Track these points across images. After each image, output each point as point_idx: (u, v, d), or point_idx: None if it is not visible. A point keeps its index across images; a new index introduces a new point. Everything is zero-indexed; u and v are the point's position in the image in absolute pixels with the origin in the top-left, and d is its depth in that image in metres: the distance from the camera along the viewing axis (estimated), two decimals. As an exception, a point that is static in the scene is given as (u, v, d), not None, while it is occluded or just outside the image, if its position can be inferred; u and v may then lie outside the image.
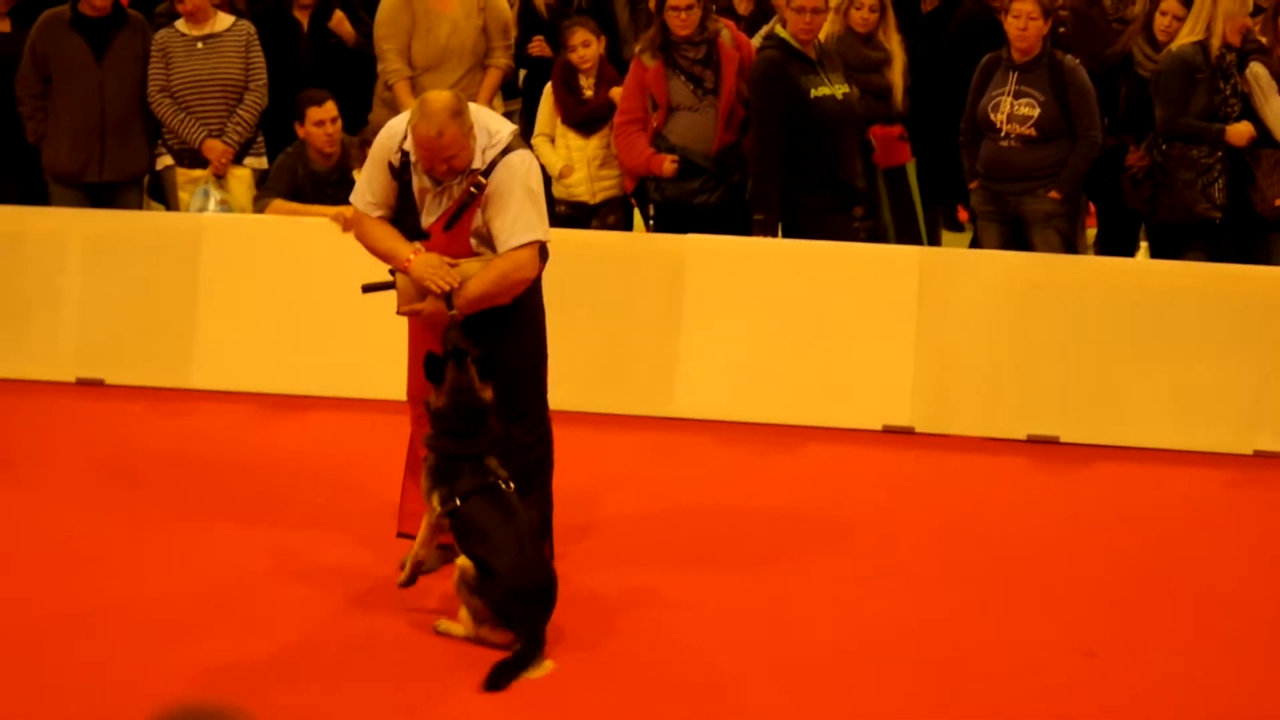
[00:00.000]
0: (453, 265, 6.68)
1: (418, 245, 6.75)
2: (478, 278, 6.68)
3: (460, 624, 6.39)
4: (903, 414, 9.12)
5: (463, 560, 6.34)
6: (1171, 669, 6.31)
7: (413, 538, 6.94)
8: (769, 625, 6.63)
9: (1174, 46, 9.70)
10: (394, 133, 6.79)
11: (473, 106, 6.77)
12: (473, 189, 6.67)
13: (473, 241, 6.76)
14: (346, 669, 6.16)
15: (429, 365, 6.53)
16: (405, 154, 6.71)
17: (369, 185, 6.87)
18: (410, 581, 6.62)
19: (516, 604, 6.23)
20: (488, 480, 6.43)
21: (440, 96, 6.63)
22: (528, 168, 6.76)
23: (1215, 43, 9.59)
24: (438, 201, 6.74)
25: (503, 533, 6.33)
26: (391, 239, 6.79)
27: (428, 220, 6.76)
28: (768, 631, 6.57)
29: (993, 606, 6.86)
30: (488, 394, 6.54)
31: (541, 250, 6.82)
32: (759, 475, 8.53)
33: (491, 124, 6.77)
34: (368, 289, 7.01)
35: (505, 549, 6.29)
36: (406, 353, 7.08)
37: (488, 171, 6.66)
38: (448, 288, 6.64)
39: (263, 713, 2.14)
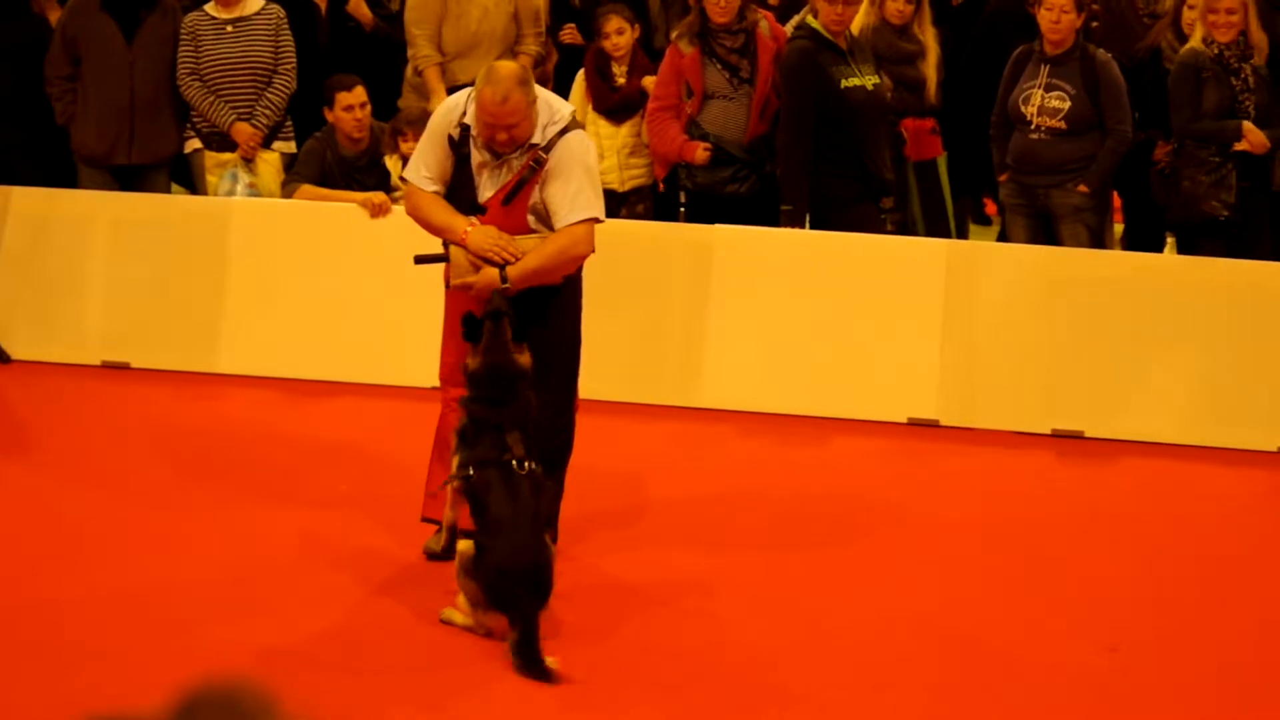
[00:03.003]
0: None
1: (473, 219, 6.72)
2: (535, 252, 6.66)
3: (460, 612, 6.35)
4: (928, 407, 9.10)
5: (462, 543, 6.31)
6: (1194, 665, 6.30)
7: (436, 522, 6.96)
8: (791, 614, 6.62)
9: (1181, 49, 9.71)
10: (452, 106, 6.82)
11: (534, 85, 6.78)
12: (533, 164, 6.66)
13: (530, 218, 6.74)
14: (369, 654, 6.17)
15: (467, 324, 6.50)
16: (465, 127, 6.70)
17: (424, 159, 6.84)
18: (448, 548, 6.58)
19: (504, 585, 6.14)
20: (502, 456, 6.34)
21: (508, 64, 6.74)
22: (586, 147, 6.81)
23: (1197, 40, 9.55)
24: (496, 176, 6.73)
25: (501, 511, 6.25)
26: (447, 212, 6.76)
27: (485, 195, 6.74)
28: (789, 621, 6.56)
29: (1016, 600, 6.85)
30: (524, 359, 6.50)
31: None
32: (784, 466, 8.52)
33: (553, 101, 6.81)
34: (420, 260, 6.94)
35: (499, 528, 6.22)
36: (441, 336, 7.04)
37: (548, 148, 6.66)
38: (510, 259, 6.64)
39: (285, 695, 2.13)
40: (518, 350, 6.49)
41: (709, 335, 9.36)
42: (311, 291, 9.72)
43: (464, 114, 6.72)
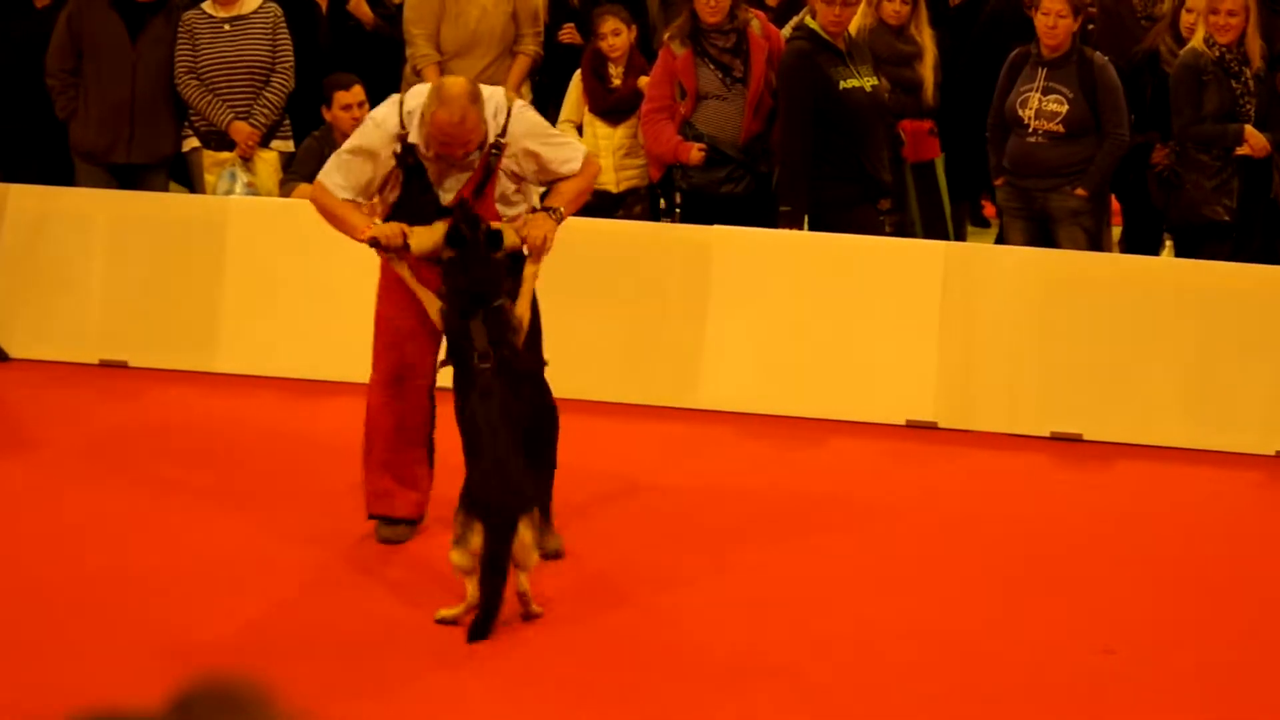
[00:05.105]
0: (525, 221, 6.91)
1: (437, 224, 6.82)
2: (561, 193, 6.94)
3: (457, 606, 6.40)
4: (926, 409, 9.10)
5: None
6: (1190, 667, 6.31)
7: (377, 518, 7.21)
8: (788, 616, 6.63)
9: (1181, 51, 9.72)
10: (382, 122, 6.84)
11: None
12: (494, 150, 6.76)
13: (498, 207, 6.87)
14: (369, 651, 6.19)
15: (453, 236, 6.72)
16: (410, 145, 6.74)
17: (344, 172, 6.94)
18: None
19: (483, 489, 6.32)
20: (469, 357, 6.56)
21: (457, 82, 6.74)
22: (529, 111, 7.03)
23: (1198, 42, 9.55)
24: (458, 176, 6.81)
25: (477, 442, 6.46)
26: (354, 215, 6.95)
27: (448, 196, 6.83)
28: (786, 622, 6.57)
29: (1012, 602, 6.86)
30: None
31: None
32: (781, 468, 8.52)
33: (485, 92, 6.84)
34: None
35: (477, 458, 6.43)
36: (377, 334, 7.22)
37: (503, 133, 6.76)
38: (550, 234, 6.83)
39: (283, 691, 2.14)
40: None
41: (706, 336, 9.35)
42: (310, 291, 9.71)
43: (403, 131, 6.74)
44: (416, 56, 10.48)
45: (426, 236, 6.76)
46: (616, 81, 10.26)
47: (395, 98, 6.94)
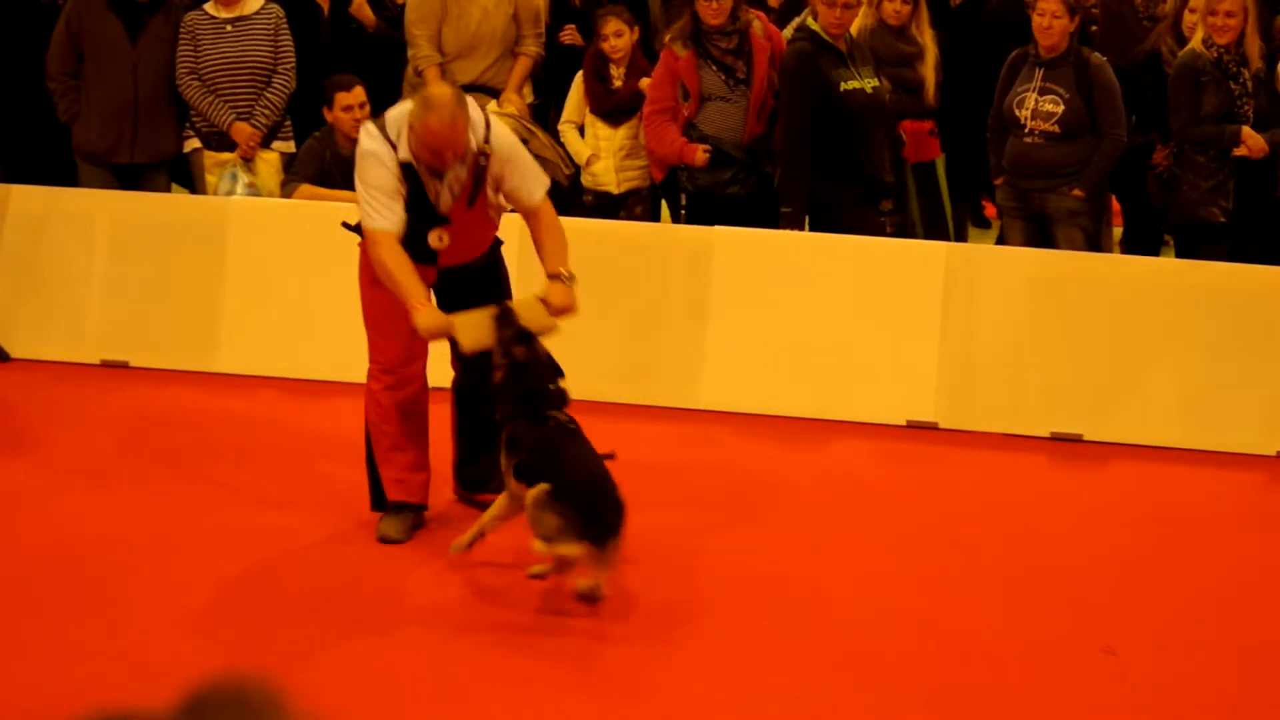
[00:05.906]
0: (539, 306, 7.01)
1: (441, 232, 6.99)
2: (556, 252, 7.04)
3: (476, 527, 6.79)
4: (927, 409, 9.11)
5: (530, 491, 6.53)
6: (1191, 667, 6.31)
7: (398, 502, 7.32)
8: (788, 616, 6.63)
9: (1180, 52, 9.73)
10: (379, 153, 6.86)
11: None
12: (482, 158, 6.89)
13: (490, 211, 7.09)
14: (370, 650, 6.18)
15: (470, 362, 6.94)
16: (406, 165, 6.83)
17: (383, 213, 6.84)
18: (468, 547, 6.90)
19: (589, 497, 6.52)
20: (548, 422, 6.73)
21: (442, 89, 6.90)
22: (504, 126, 7.20)
23: (1197, 43, 9.57)
24: (451, 186, 6.93)
25: (569, 450, 6.68)
26: (411, 283, 6.83)
27: (444, 207, 6.97)
28: (786, 622, 6.57)
29: (1013, 602, 6.86)
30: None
31: None
32: (783, 468, 8.53)
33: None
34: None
35: (569, 462, 6.62)
36: (373, 325, 7.31)
37: (487, 140, 6.91)
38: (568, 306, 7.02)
39: (289, 692, 2.15)
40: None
41: (707, 337, 9.36)
42: (310, 291, 9.72)
43: (397, 153, 6.82)
44: (418, 57, 10.49)
45: (474, 330, 6.83)
46: (618, 83, 10.27)
47: (370, 128, 6.94)
